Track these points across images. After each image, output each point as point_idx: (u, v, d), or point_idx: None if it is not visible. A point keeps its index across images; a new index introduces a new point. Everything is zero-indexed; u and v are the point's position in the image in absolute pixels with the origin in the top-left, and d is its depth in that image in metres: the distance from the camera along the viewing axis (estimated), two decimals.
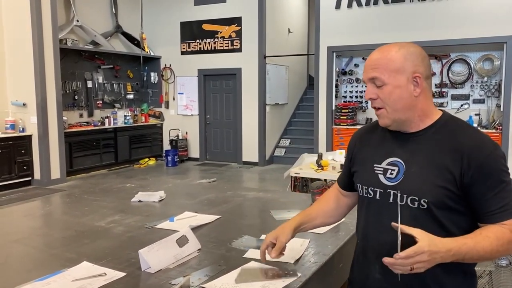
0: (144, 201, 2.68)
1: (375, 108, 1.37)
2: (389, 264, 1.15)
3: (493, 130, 7.24)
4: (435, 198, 1.26)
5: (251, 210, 2.66)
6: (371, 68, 1.33)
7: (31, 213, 2.60)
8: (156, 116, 10.47)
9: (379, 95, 1.32)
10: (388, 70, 1.30)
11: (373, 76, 1.32)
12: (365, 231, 1.43)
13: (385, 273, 1.31)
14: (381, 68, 1.31)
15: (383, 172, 1.37)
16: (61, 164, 7.69)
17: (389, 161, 1.36)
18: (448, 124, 1.33)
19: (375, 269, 1.39)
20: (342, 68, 8.68)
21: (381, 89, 1.31)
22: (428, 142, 1.32)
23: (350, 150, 1.56)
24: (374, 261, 1.38)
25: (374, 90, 1.33)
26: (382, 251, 1.29)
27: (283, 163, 9.25)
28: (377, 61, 1.32)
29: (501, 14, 7.07)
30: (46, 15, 7.33)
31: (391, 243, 1.25)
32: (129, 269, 1.62)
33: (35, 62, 7.23)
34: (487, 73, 7.51)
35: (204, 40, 9.85)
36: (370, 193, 1.40)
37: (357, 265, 1.51)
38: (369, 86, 1.34)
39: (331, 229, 2.07)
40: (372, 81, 1.33)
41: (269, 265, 1.61)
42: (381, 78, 1.31)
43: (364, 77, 1.36)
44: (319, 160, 4.71)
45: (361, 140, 1.52)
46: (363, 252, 1.45)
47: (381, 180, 1.36)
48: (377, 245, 1.36)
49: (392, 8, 7.83)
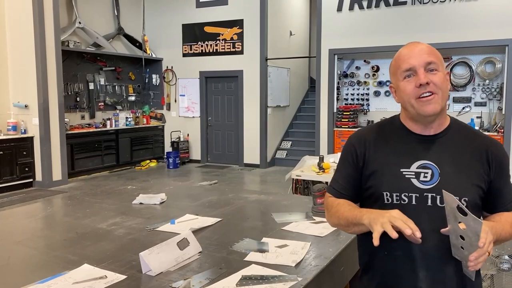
0: (145, 203, 2.68)
1: (424, 94, 1.29)
2: (477, 257, 1.14)
3: (495, 132, 7.23)
4: (473, 196, 1.31)
5: (252, 213, 2.66)
6: (426, 53, 1.30)
7: (33, 214, 2.60)
8: (157, 118, 10.48)
9: (432, 80, 1.29)
10: (439, 58, 1.33)
11: (431, 60, 1.30)
12: (402, 240, 1.24)
13: (430, 280, 1.31)
14: (434, 55, 1.31)
15: (415, 176, 1.32)
16: (63, 165, 7.69)
17: (419, 164, 1.33)
18: (459, 126, 1.40)
19: (417, 277, 1.31)
20: (343, 70, 8.68)
21: (435, 74, 1.30)
22: (451, 143, 1.34)
23: (358, 153, 1.42)
24: (418, 269, 1.31)
25: (428, 75, 1.29)
26: (426, 257, 1.30)
27: (285, 165, 9.25)
28: (428, 48, 1.32)
29: (502, 17, 7.06)
30: (48, 17, 7.35)
31: (434, 248, 1.29)
32: (130, 271, 1.62)
33: (37, 64, 7.25)
34: (488, 76, 7.51)
35: (206, 42, 9.86)
36: (404, 199, 1.32)
37: (390, 275, 1.37)
38: (421, 71, 1.29)
39: (332, 232, 2.07)
40: (427, 66, 1.30)
41: (269, 268, 1.61)
42: (437, 63, 1.31)
43: (416, 62, 1.29)
44: (320, 163, 4.71)
45: (374, 143, 1.41)
46: (400, 262, 1.33)
47: (415, 184, 1.31)
48: (420, 252, 1.30)
49: (394, 10, 7.84)
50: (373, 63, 8.43)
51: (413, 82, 1.29)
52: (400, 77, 1.33)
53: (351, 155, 1.44)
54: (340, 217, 1.38)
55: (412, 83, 1.29)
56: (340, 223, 1.40)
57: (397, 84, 1.35)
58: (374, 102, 8.52)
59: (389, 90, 1.49)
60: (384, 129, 1.44)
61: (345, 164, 1.46)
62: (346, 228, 1.40)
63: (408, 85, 1.30)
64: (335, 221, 1.43)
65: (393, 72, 1.38)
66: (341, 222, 1.39)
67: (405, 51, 1.34)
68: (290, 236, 2.01)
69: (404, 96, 1.32)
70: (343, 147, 1.52)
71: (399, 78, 1.33)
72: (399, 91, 1.35)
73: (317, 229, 2.10)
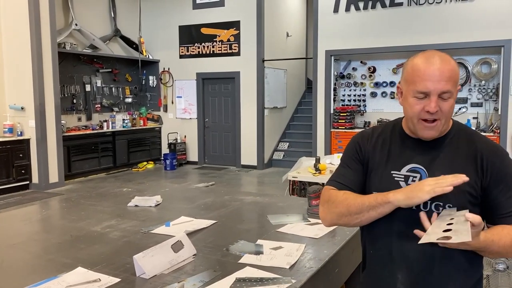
0: (141, 206, 2.68)
1: (427, 120, 1.27)
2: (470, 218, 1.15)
3: (491, 133, 7.25)
4: (459, 203, 1.27)
5: (248, 215, 2.66)
6: (445, 80, 1.24)
7: (28, 217, 2.59)
8: (154, 120, 10.47)
9: (441, 108, 1.25)
10: (455, 82, 1.27)
11: (447, 89, 1.24)
12: (386, 240, 1.36)
13: (409, 283, 1.32)
14: (453, 82, 1.26)
15: (404, 179, 1.34)
16: (59, 168, 7.68)
17: (409, 167, 1.34)
18: (461, 130, 1.37)
19: (396, 279, 1.34)
20: (340, 71, 8.69)
21: (446, 101, 1.26)
22: (448, 148, 1.33)
23: (360, 150, 1.44)
24: (397, 272, 1.33)
25: (439, 102, 1.25)
26: (407, 260, 1.32)
27: (282, 167, 9.25)
28: (449, 72, 1.25)
29: (498, 18, 7.09)
30: (44, 18, 7.34)
31: (416, 251, 1.29)
32: (124, 274, 1.62)
33: (33, 65, 7.23)
34: (484, 76, 7.53)
35: (203, 43, 9.86)
36: None
37: (372, 276, 1.43)
38: (434, 99, 1.24)
39: (327, 233, 2.07)
40: (442, 94, 1.25)
41: (264, 271, 1.61)
42: (452, 91, 1.26)
43: (432, 88, 1.24)
44: (316, 164, 4.71)
45: (375, 142, 1.43)
46: (382, 262, 1.38)
47: (403, 187, 1.32)
48: (401, 255, 1.33)
49: (390, 12, 7.85)
50: (369, 64, 8.44)
51: (423, 105, 1.27)
52: (412, 93, 1.29)
53: (356, 151, 1.45)
54: (351, 204, 1.32)
55: (421, 105, 1.27)
56: (350, 210, 1.32)
57: (407, 95, 1.32)
58: (371, 103, 8.54)
59: (397, 90, 1.46)
60: (386, 131, 1.45)
61: (350, 160, 1.46)
62: (356, 215, 1.31)
63: (416, 105, 1.28)
64: (342, 210, 1.34)
65: (406, 79, 1.32)
66: (352, 209, 1.31)
67: (425, 68, 1.25)
68: (285, 238, 2.01)
69: (410, 111, 1.31)
70: (346, 146, 1.52)
71: (410, 93, 1.30)
72: (406, 102, 1.33)
73: (312, 231, 2.10)
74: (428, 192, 1.19)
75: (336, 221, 1.39)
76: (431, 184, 1.20)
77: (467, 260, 1.32)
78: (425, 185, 1.21)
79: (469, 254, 1.31)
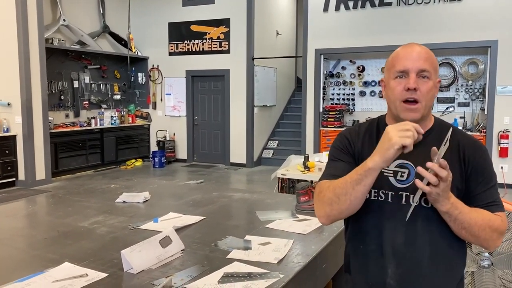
0: (129, 202, 2.66)
1: (409, 100, 1.31)
2: (431, 167, 1.17)
3: (477, 132, 7.34)
4: None
5: (236, 211, 2.66)
6: (423, 59, 1.31)
7: (14, 213, 2.56)
8: (143, 117, 10.41)
9: (420, 88, 1.30)
10: (434, 67, 1.33)
11: (425, 68, 1.30)
12: (376, 235, 1.37)
13: (399, 278, 1.33)
14: (430, 63, 1.32)
15: (393, 174, 1.35)
16: (46, 165, 7.59)
17: (397, 163, 1.35)
18: (443, 126, 1.41)
19: (386, 273, 1.35)
20: (329, 70, 8.73)
21: (425, 82, 1.31)
22: (432, 142, 1.33)
23: (350, 144, 1.45)
24: (387, 266, 1.35)
25: (418, 82, 1.30)
26: (397, 254, 1.33)
27: (271, 165, 9.26)
28: (426, 54, 1.32)
29: (485, 19, 7.18)
30: (32, 14, 7.24)
31: (405, 245, 1.31)
32: (111, 269, 1.61)
33: (20, 61, 7.14)
34: (471, 76, 7.62)
35: (192, 41, 9.83)
36: (382, 196, 1.36)
37: (362, 269, 1.43)
38: (413, 76, 1.30)
39: (315, 229, 2.08)
40: (420, 73, 1.30)
41: (252, 266, 1.62)
42: (430, 72, 1.31)
43: (410, 66, 1.30)
44: (305, 162, 4.73)
45: (363, 138, 1.45)
46: (372, 257, 1.39)
47: (392, 182, 1.35)
48: (391, 249, 1.34)
49: (379, 11, 7.91)
50: (358, 63, 8.49)
51: (403, 84, 1.31)
52: (392, 75, 1.35)
53: (346, 145, 1.46)
54: (336, 187, 1.30)
55: (401, 85, 1.31)
56: (336, 192, 1.30)
57: (388, 81, 1.37)
58: (360, 102, 8.59)
59: (380, 84, 1.47)
60: (372, 127, 1.47)
61: (341, 154, 1.45)
62: (344, 197, 1.28)
63: (397, 86, 1.32)
64: (330, 196, 1.32)
65: (387, 68, 1.40)
66: (338, 191, 1.29)
67: (403, 52, 1.34)
68: (273, 234, 2.02)
69: (391, 95, 1.35)
70: (334, 141, 1.50)
71: (391, 76, 1.35)
72: (388, 88, 1.38)
73: (300, 227, 2.11)
74: (397, 136, 1.18)
75: (330, 211, 1.34)
76: (393, 130, 1.19)
77: (453, 256, 1.35)
78: (389, 134, 1.19)
79: (456, 250, 1.35)
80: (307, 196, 2.40)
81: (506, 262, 2.62)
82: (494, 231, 1.28)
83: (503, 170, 7.16)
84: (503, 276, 2.65)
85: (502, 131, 7.20)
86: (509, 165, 7.25)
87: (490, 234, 1.28)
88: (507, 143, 7.19)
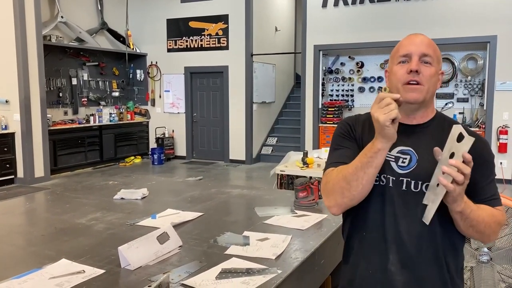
0: (127, 199, 2.65)
1: (411, 83, 1.31)
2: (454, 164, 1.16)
3: (477, 128, 7.34)
4: None
5: (235, 207, 2.65)
6: (426, 45, 1.34)
7: (11, 210, 2.56)
8: (142, 114, 10.39)
9: (423, 72, 1.32)
10: (436, 55, 1.37)
11: (428, 52, 1.33)
12: (379, 221, 1.35)
13: (401, 264, 1.33)
14: (432, 50, 1.35)
15: (395, 159, 1.35)
16: (45, 162, 7.58)
17: (399, 149, 1.36)
18: (444, 119, 1.42)
19: (387, 259, 1.34)
20: (328, 66, 8.71)
21: (427, 67, 1.33)
22: (434, 133, 1.36)
23: (352, 130, 1.45)
24: (389, 252, 1.34)
25: (420, 66, 1.32)
26: (399, 241, 1.33)
27: (270, 161, 9.25)
28: (429, 42, 1.36)
29: (484, 14, 7.16)
30: (29, 10, 7.22)
31: (407, 232, 1.31)
32: (109, 266, 1.60)
33: (18, 58, 7.12)
34: (471, 72, 7.61)
35: (191, 37, 9.80)
36: (383, 180, 1.35)
37: (362, 256, 1.41)
38: (415, 59, 1.32)
39: (314, 225, 2.07)
40: (422, 57, 1.33)
41: (250, 261, 1.61)
42: (432, 58, 1.34)
43: (413, 50, 1.33)
44: (304, 158, 4.73)
45: (362, 125, 1.45)
46: (374, 244, 1.37)
47: (393, 167, 1.35)
48: (394, 236, 1.33)
49: (378, 7, 7.88)
50: (357, 59, 8.48)
51: (405, 68, 1.33)
52: (396, 60, 1.37)
53: (348, 131, 1.46)
54: (346, 173, 1.29)
55: (404, 68, 1.34)
56: (347, 179, 1.29)
57: (391, 67, 1.39)
58: (359, 98, 8.58)
59: (385, 75, 1.48)
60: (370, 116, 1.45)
61: (345, 140, 1.45)
62: (355, 182, 1.27)
63: (400, 70, 1.34)
64: (341, 184, 1.30)
65: (391, 56, 1.42)
66: (349, 177, 1.28)
67: (407, 38, 1.39)
68: (272, 230, 2.01)
69: (394, 79, 1.36)
70: (336, 130, 1.50)
71: (394, 62, 1.38)
72: (391, 74, 1.39)
73: (299, 223, 2.11)
74: (382, 114, 1.19)
75: (341, 199, 1.32)
76: (376, 111, 1.20)
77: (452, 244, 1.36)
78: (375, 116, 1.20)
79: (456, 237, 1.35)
80: (306, 192, 2.39)
81: (505, 257, 2.61)
82: (497, 226, 1.32)
83: (502, 165, 7.16)
84: (502, 271, 2.65)
85: (501, 126, 7.20)
86: (508, 161, 7.25)
87: (494, 229, 1.31)
88: (506, 139, 7.19)
